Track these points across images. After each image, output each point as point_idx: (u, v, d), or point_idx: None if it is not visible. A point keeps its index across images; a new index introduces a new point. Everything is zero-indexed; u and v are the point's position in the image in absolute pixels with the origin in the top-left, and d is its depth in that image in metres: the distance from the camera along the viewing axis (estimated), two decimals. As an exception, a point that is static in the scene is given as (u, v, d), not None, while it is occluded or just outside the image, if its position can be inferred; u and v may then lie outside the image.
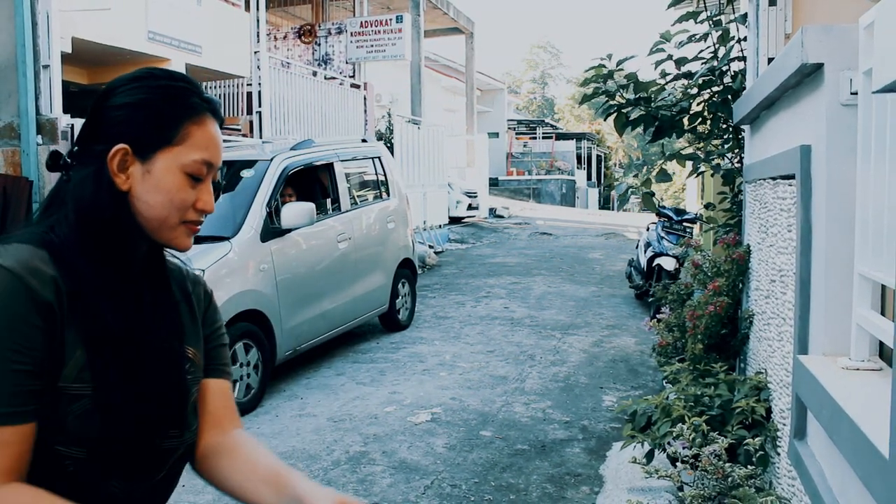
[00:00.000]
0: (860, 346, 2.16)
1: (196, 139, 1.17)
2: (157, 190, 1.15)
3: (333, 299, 6.50)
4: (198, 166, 1.17)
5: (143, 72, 1.21)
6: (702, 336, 3.91)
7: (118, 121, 1.15)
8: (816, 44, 2.32)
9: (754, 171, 3.81)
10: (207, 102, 1.20)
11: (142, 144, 1.15)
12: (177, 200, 1.16)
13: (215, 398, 1.32)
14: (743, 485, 2.81)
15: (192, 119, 1.17)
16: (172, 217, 1.17)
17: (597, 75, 4.89)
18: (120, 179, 1.15)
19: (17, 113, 6.94)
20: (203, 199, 1.19)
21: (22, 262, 1.05)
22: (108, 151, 1.14)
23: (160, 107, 1.16)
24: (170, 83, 1.19)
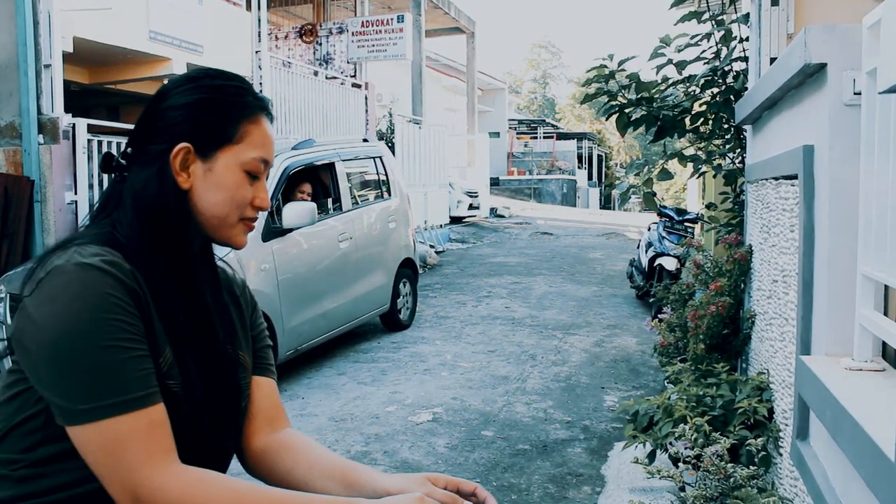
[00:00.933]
0: (863, 346, 2.15)
1: (254, 137, 1.20)
2: (219, 188, 1.18)
3: (334, 299, 6.50)
4: (256, 164, 1.20)
5: (198, 72, 1.23)
6: (703, 336, 3.91)
7: (178, 120, 1.16)
8: (820, 44, 2.31)
9: (756, 171, 3.80)
10: (260, 101, 1.23)
11: (203, 143, 1.17)
12: (237, 198, 1.19)
13: (266, 397, 1.34)
14: (745, 485, 2.80)
15: (249, 118, 1.20)
16: (232, 215, 1.20)
17: (598, 76, 4.89)
18: (182, 178, 1.16)
19: (19, 112, 6.94)
20: (260, 196, 1.22)
21: (105, 259, 1.06)
22: (170, 151, 1.15)
23: (220, 106, 1.18)
24: (225, 83, 1.21)
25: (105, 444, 1.01)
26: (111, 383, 1.01)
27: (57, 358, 1.01)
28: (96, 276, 1.03)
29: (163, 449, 1.04)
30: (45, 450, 1.07)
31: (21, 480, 1.08)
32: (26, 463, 1.08)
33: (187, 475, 1.04)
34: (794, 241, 2.80)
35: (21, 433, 1.08)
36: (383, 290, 7.37)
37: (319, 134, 11.71)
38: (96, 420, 1.01)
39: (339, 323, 6.66)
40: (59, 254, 1.08)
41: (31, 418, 1.07)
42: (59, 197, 6.99)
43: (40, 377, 1.04)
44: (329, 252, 6.53)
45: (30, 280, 1.08)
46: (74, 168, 7.14)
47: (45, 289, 1.04)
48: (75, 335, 1.00)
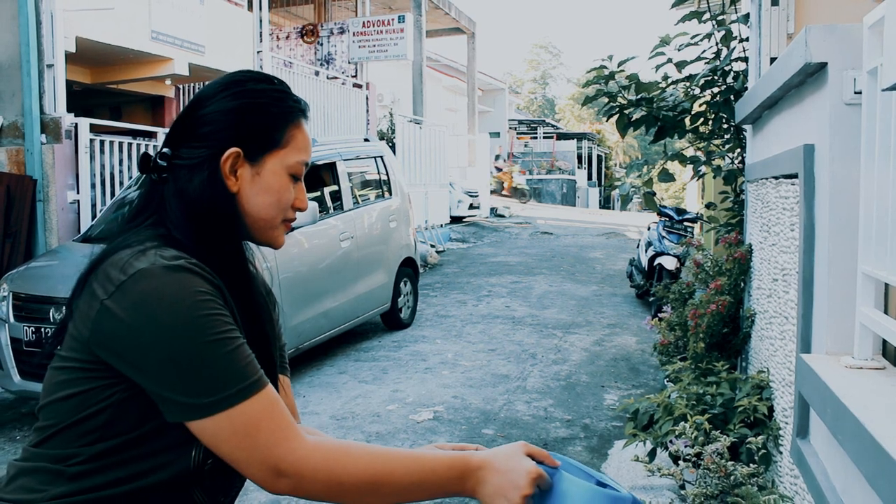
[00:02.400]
0: (863, 344, 2.16)
1: (298, 141, 1.23)
2: (267, 191, 1.20)
3: (335, 298, 6.52)
4: (300, 167, 1.23)
5: (238, 76, 1.24)
6: (703, 335, 3.92)
7: (225, 125, 1.18)
8: (820, 43, 2.32)
9: (756, 170, 3.82)
10: (299, 103, 1.25)
11: (251, 148, 1.19)
12: (283, 200, 1.22)
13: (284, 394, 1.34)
14: (745, 483, 2.82)
15: (292, 122, 1.23)
16: (278, 217, 1.23)
17: (598, 76, 4.90)
18: (231, 182, 1.19)
19: (22, 112, 6.96)
20: (300, 198, 1.25)
21: (188, 261, 1.09)
22: (220, 155, 1.17)
23: (264, 111, 1.20)
24: (268, 87, 1.23)
25: (239, 430, 1.05)
26: (229, 373, 1.05)
27: (170, 358, 1.03)
28: (187, 277, 1.06)
29: (290, 423, 1.08)
30: (102, 445, 1.09)
31: (75, 477, 1.09)
32: (83, 458, 1.09)
33: (326, 446, 1.09)
34: (794, 240, 2.82)
35: (78, 432, 1.09)
36: (384, 289, 7.39)
37: (321, 134, 11.73)
38: (224, 409, 1.04)
39: (340, 322, 6.68)
40: (136, 256, 1.09)
41: (91, 417, 1.09)
42: (62, 196, 7.01)
43: (151, 378, 1.05)
44: (330, 251, 6.54)
45: (104, 282, 1.08)
46: (77, 167, 7.16)
47: (135, 292, 1.05)
48: (184, 335, 1.03)
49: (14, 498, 1.10)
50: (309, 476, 1.07)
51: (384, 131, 14.77)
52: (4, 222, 6.69)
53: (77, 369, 1.09)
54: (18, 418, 5.17)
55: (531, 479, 1.13)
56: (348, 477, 1.08)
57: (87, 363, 1.08)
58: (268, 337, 1.25)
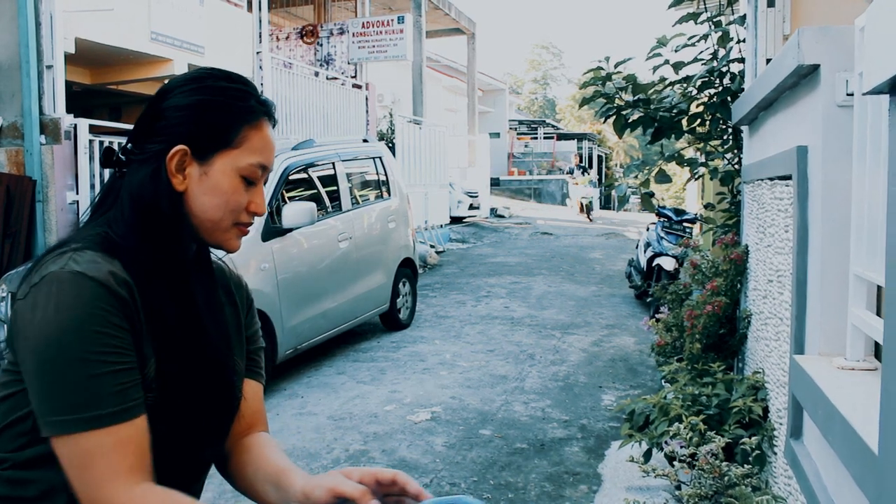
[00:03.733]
0: (855, 346, 2.17)
1: (253, 142, 1.18)
2: (214, 192, 1.16)
3: (334, 298, 6.53)
4: (253, 169, 1.18)
5: (201, 72, 1.21)
6: (700, 336, 3.93)
7: (178, 121, 1.15)
8: (813, 45, 2.33)
9: (752, 171, 3.83)
10: (263, 105, 1.21)
11: (201, 146, 1.15)
12: (232, 203, 1.17)
13: (252, 402, 1.31)
14: (739, 484, 2.83)
15: (250, 122, 1.18)
16: (226, 219, 1.17)
17: (595, 78, 4.91)
18: (177, 180, 1.15)
19: (21, 113, 6.97)
20: (255, 202, 1.19)
21: (100, 268, 1.05)
22: (167, 151, 1.14)
23: (220, 109, 1.16)
24: (229, 85, 1.19)
25: (73, 458, 1.01)
26: (84, 398, 1.00)
27: (41, 366, 1.00)
28: (88, 286, 1.02)
29: (130, 467, 1.02)
30: (32, 451, 1.07)
31: (9, 481, 1.08)
32: (13, 463, 1.08)
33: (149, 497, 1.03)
34: (788, 242, 2.83)
35: (12, 434, 1.08)
36: (383, 290, 7.40)
37: (320, 134, 11.74)
38: (66, 433, 1.00)
39: (339, 322, 6.69)
40: (55, 258, 1.06)
41: (22, 420, 1.07)
42: (61, 197, 7.02)
43: (27, 382, 1.04)
44: (329, 252, 6.55)
45: (24, 282, 1.06)
46: (76, 168, 7.17)
47: (37, 295, 1.02)
48: (58, 345, 1.00)
49: None
50: None
51: (384, 132, 14.78)
52: (4, 223, 6.70)
53: (11, 371, 1.08)
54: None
55: None
56: None
57: (13, 364, 1.08)
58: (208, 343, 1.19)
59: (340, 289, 6.62)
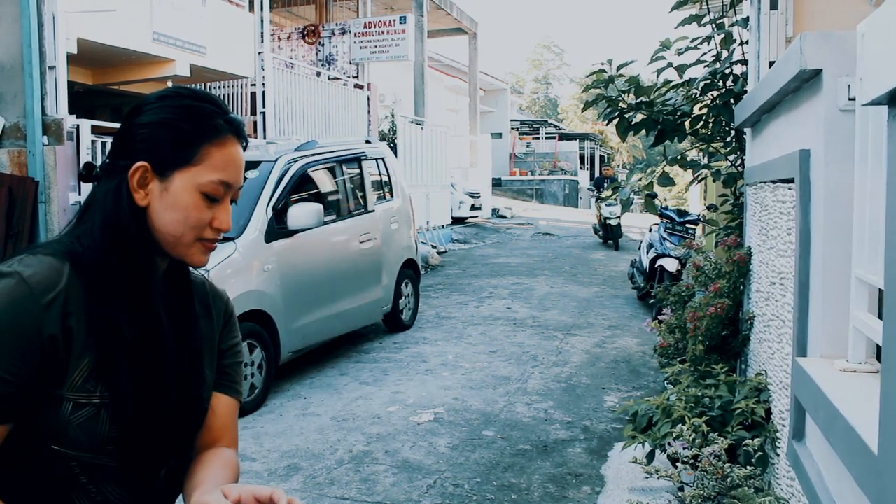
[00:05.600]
0: (857, 348, 2.18)
1: (215, 160, 1.19)
2: (174, 208, 1.18)
3: (337, 299, 6.53)
4: (214, 186, 1.19)
5: (170, 91, 1.24)
6: (703, 337, 3.94)
7: (141, 138, 1.18)
8: (815, 50, 2.34)
9: (755, 174, 3.83)
10: (230, 124, 1.22)
11: (161, 163, 1.17)
12: (192, 219, 1.19)
13: (221, 416, 1.32)
14: (742, 485, 2.83)
15: (212, 140, 1.20)
16: (187, 235, 1.20)
17: (598, 81, 4.92)
18: (139, 195, 1.18)
19: (23, 113, 6.98)
20: (219, 219, 1.21)
21: (37, 273, 1.08)
22: (130, 167, 1.17)
23: (181, 127, 1.18)
24: (194, 103, 1.21)
25: None
26: None
27: None
28: (6, 285, 1.06)
29: None
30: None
31: None
32: None
33: None
34: (791, 244, 2.83)
35: None
36: (385, 291, 7.41)
37: (322, 135, 11.75)
38: None
39: (341, 323, 6.70)
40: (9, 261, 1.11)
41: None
42: (63, 197, 7.04)
43: None
44: (332, 253, 6.56)
45: None
46: (78, 169, 7.18)
47: None
48: None
49: None
50: None
51: (386, 132, 14.80)
52: (6, 223, 6.72)
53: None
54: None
55: None
56: None
57: None
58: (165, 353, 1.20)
59: (344, 290, 6.63)
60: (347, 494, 3.94)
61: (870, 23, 1.49)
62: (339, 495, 3.93)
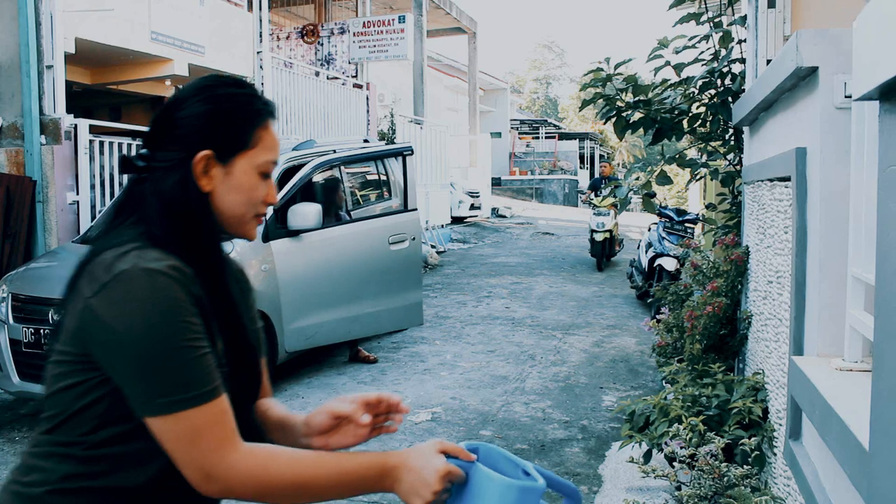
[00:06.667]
0: (853, 347, 2.17)
1: (266, 142, 1.31)
2: (238, 189, 1.29)
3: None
4: (269, 165, 1.32)
5: (210, 80, 1.31)
6: (700, 336, 3.93)
7: (197, 129, 1.26)
8: (811, 47, 2.33)
9: (752, 172, 3.82)
10: (267, 106, 1.33)
11: (222, 150, 1.27)
12: (253, 197, 1.30)
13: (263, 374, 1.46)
14: (739, 484, 2.82)
15: (261, 123, 1.30)
16: (248, 212, 1.31)
17: (595, 79, 4.90)
18: (204, 182, 1.26)
19: (21, 113, 6.98)
20: (270, 194, 1.33)
21: (168, 264, 1.17)
22: (192, 157, 1.25)
23: (235, 115, 1.28)
24: (237, 91, 1.31)
25: (182, 433, 1.13)
26: (186, 380, 1.13)
27: (136, 357, 1.12)
28: (164, 281, 1.14)
29: (231, 434, 1.17)
30: (105, 432, 1.18)
31: (84, 460, 1.18)
32: (88, 445, 1.18)
33: (256, 454, 1.17)
34: (787, 243, 2.82)
35: (81, 420, 1.18)
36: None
37: (321, 134, 11.74)
38: (175, 412, 1.13)
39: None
40: (119, 257, 1.16)
41: (91, 406, 1.17)
42: (61, 197, 7.03)
43: (118, 373, 1.14)
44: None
45: (90, 281, 1.16)
46: (76, 168, 7.17)
47: (115, 292, 1.13)
48: (152, 337, 1.11)
49: (28, 479, 1.20)
50: (237, 482, 1.15)
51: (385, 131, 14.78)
52: (4, 223, 6.71)
53: (72, 362, 1.18)
54: (17, 419, 5.19)
55: (440, 477, 1.18)
56: (276, 482, 1.17)
57: (79, 356, 1.17)
58: (243, 324, 1.33)
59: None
60: (344, 494, 3.92)
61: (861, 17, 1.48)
62: (336, 495, 3.91)
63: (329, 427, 1.37)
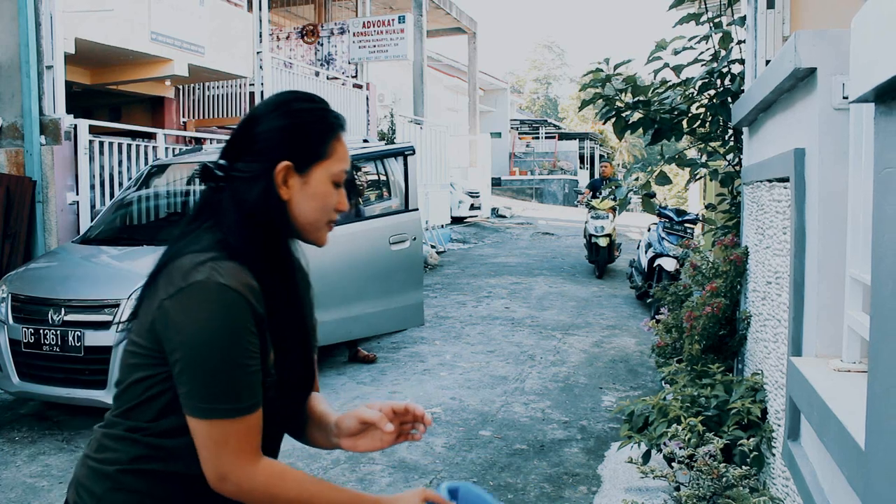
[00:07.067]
0: (851, 347, 2.17)
1: (339, 152, 1.40)
2: (314, 198, 1.38)
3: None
4: (341, 175, 1.40)
5: (286, 96, 1.41)
6: (699, 337, 3.93)
7: (277, 141, 1.35)
8: (809, 48, 2.34)
9: (752, 173, 3.83)
10: (338, 119, 1.42)
11: (301, 161, 1.36)
12: (327, 205, 1.39)
13: None
14: (737, 485, 2.83)
15: (334, 136, 1.40)
16: (322, 219, 1.40)
17: (595, 80, 4.91)
18: (283, 191, 1.35)
19: (21, 113, 6.98)
20: (342, 201, 1.42)
21: (240, 280, 1.26)
22: (273, 168, 1.34)
23: (312, 128, 1.38)
24: (312, 106, 1.41)
25: (213, 437, 1.25)
26: (229, 393, 1.24)
27: (194, 361, 1.23)
28: (234, 300, 1.24)
29: (254, 447, 1.28)
30: (167, 421, 1.30)
31: (149, 445, 1.31)
32: (152, 432, 1.31)
33: (271, 469, 1.29)
34: (786, 243, 2.83)
35: (148, 409, 1.31)
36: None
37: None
38: (211, 419, 1.24)
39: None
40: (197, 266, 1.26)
41: (157, 397, 1.30)
42: (61, 197, 7.03)
43: (175, 370, 1.25)
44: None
45: (167, 283, 1.27)
46: (76, 169, 7.18)
47: (188, 299, 1.24)
48: (211, 349, 1.22)
49: (102, 457, 1.34)
50: (247, 489, 1.28)
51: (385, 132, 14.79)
52: (4, 223, 6.71)
53: (143, 355, 1.30)
54: (17, 419, 5.19)
55: None
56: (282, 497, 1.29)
57: (150, 350, 1.29)
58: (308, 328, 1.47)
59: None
60: (343, 494, 3.93)
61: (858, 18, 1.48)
62: (335, 495, 3.92)
63: (357, 431, 1.47)
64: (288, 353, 1.38)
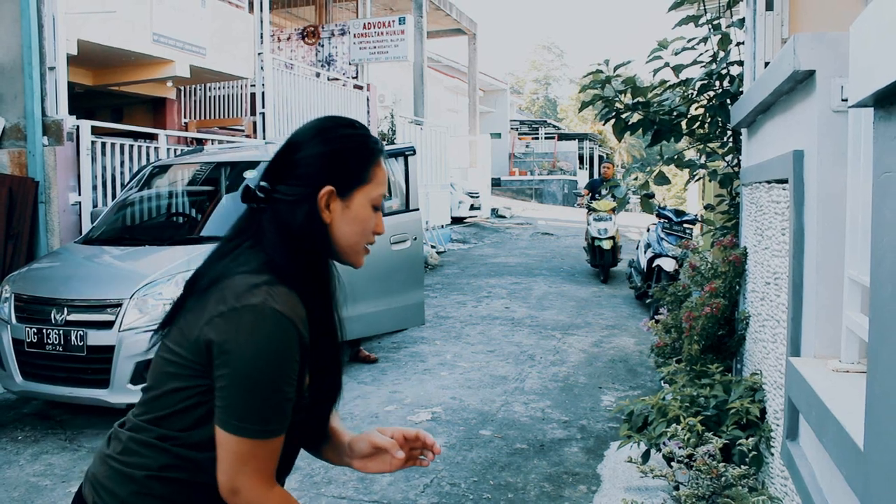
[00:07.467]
0: (850, 348, 2.20)
1: (379, 177, 1.44)
2: (354, 221, 1.42)
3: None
4: (380, 199, 1.45)
5: (328, 122, 1.46)
6: (698, 337, 3.95)
7: (321, 167, 1.39)
8: (808, 51, 2.36)
9: (751, 174, 3.85)
10: (377, 144, 1.46)
11: (343, 186, 1.40)
12: (367, 228, 1.44)
13: None
14: (736, 484, 2.85)
15: (375, 161, 1.44)
16: (361, 242, 1.44)
17: (594, 81, 4.93)
18: (326, 214, 1.40)
19: (24, 114, 7.00)
20: (379, 224, 1.47)
21: (292, 307, 1.31)
22: (317, 192, 1.38)
23: (354, 154, 1.42)
24: (353, 132, 1.44)
25: (237, 452, 1.29)
26: (263, 416, 1.28)
27: (239, 381, 1.27)
28: (286, 327, 1.28)
29: (271, 471, 1.33)
30: (198, 433, 1.33)
31: (179, 455, 1.34)
32: (183, 442, 1.34)
33: (281, 498, 1.34)
34: (785, 244, 2.85)
35: (181, 420, 1.34)
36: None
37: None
38: (240, 436, 1.28)
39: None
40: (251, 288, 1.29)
41: (191, 409, 1.33)
42: (63, 198, 7.05)
43: (217, 384, 1.29)
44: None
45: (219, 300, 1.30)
46: (78, 169, 7.20)
47: (241, 321, 1.27)
48: (260, 372, 1.27)
49: (129, 461, 1.36)
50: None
51: (385, 132, 14.81)
52: (6, 224, 6.73)
53: (183, 365, 1.33)
54: (21, 418, 5.21)
55: None
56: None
57: (192, 362, 1.31)
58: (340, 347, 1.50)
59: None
60: (344, 493, 3.95)
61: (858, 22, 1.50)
62: (337, 494, 3.94)
63: (369, 454, 1.54)
64: (324, 377, 1.43)
